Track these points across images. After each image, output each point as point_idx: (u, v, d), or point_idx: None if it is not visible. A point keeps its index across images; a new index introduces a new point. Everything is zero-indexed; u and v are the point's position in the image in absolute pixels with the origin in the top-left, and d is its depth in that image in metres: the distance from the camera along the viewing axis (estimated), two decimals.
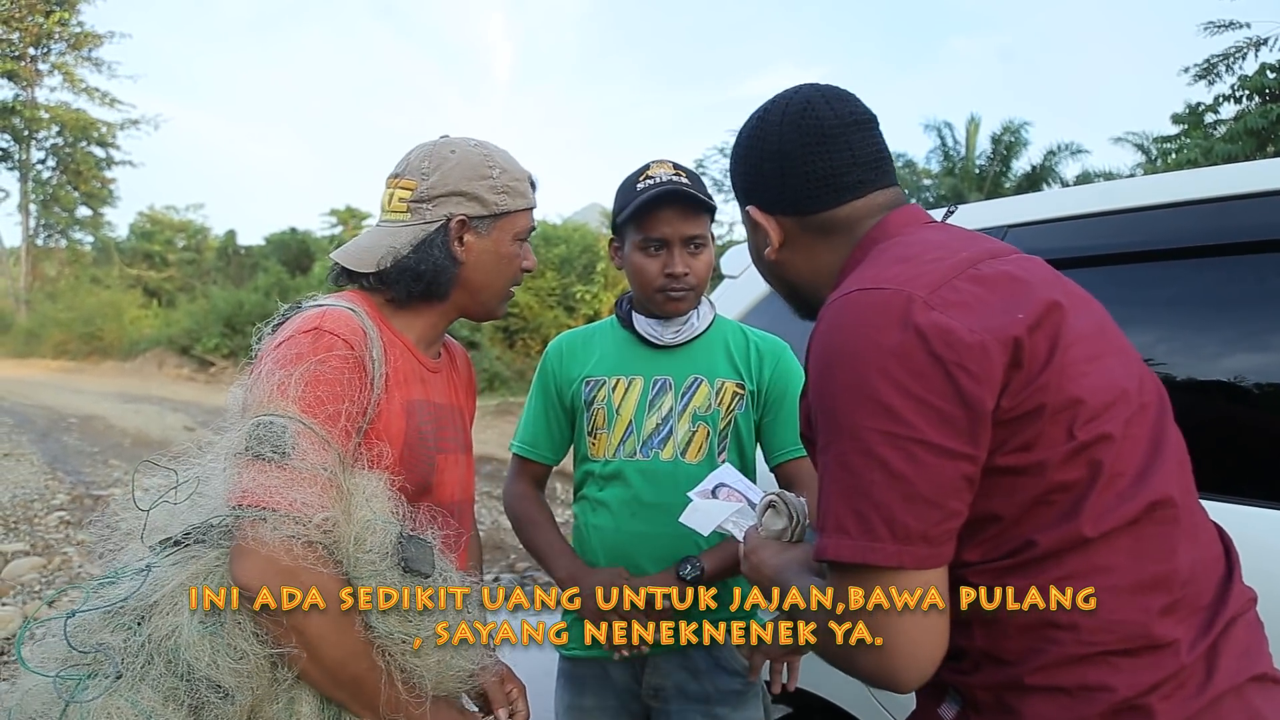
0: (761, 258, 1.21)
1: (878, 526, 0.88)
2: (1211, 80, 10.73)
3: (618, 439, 1.81)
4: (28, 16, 32.61)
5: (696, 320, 1.85)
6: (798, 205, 1.13)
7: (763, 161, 1.14)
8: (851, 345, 0.91)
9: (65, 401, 16.07)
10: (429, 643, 1.21)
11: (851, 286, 0.96)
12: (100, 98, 34.73)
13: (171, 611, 1.13)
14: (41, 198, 35.86)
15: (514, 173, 1.49)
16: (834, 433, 0.92)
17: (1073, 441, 0.90)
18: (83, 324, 28.48)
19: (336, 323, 1.29)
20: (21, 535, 6.32)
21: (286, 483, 1.13)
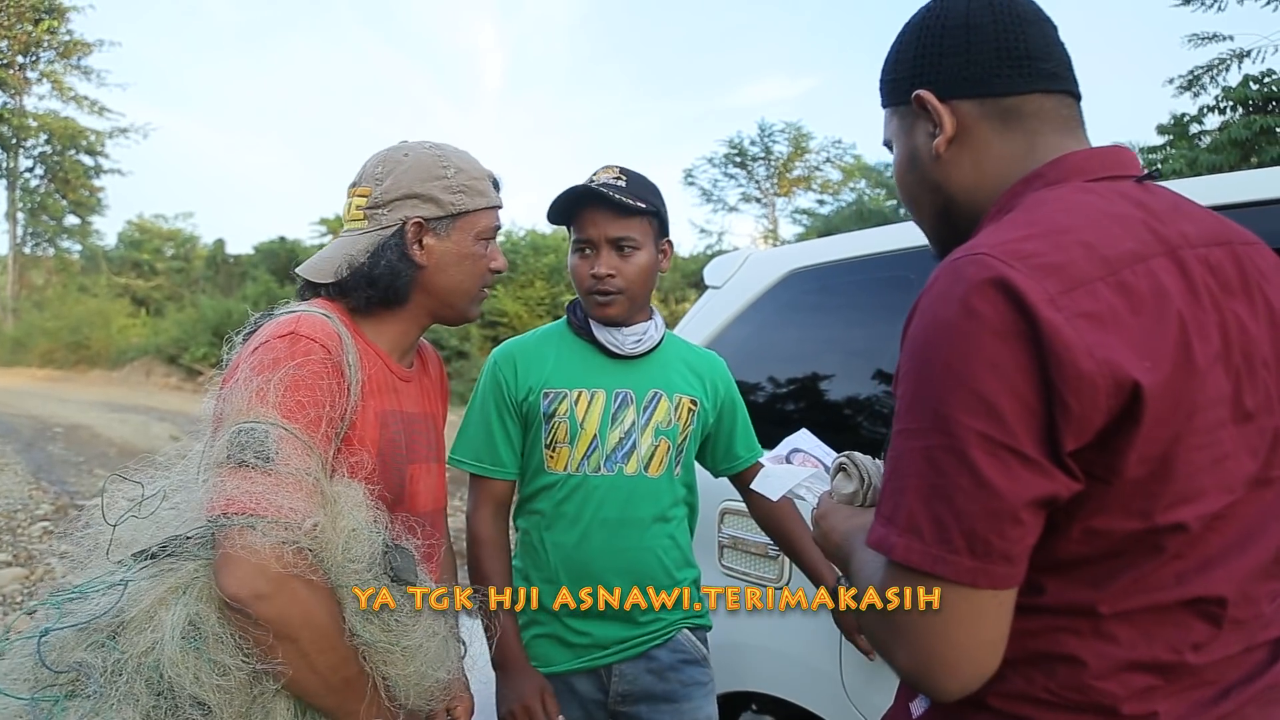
0: (916, 164, 1.06)
1: (955, 537, 0.80)
2: (1196, 92, 10.82)
3: (581, 453, 1.78)
4: (16, 24, 32.50)
5: (654, 331, 1.84)
6: (983, 83, 0.99)
7: (944, 36, 1.01)
8: (963, 324, 0.80)
9: (51, 411, 15.96)
10: (409, 652, 1.19)
11: (981, 247, 0.84)
12: (89, 106, 34.66)
13: (150, 627, 1.09)
14: (29, 206, 35.71)
15: (471, 171, 1.46)
16: (922, 418, 0.82)
17: (1142, 523, 0.82)
18: (70, 333, 28.35)
19: (312, 327, 1.28)
20: (4, 546, 6.26)
21: (272, 488, 1.10)
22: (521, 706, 1.70)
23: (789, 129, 28.55)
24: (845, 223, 17.63)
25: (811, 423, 2.42)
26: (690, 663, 1.84)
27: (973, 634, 0.82)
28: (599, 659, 1.80)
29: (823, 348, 2.53)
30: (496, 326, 19.08)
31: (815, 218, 24.01)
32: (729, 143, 29.18)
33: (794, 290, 2.57)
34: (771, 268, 2.64)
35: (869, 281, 2.40)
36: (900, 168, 1.10)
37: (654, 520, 1.79)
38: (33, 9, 32.46)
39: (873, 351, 2.32)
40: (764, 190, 29.71)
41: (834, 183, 28.62)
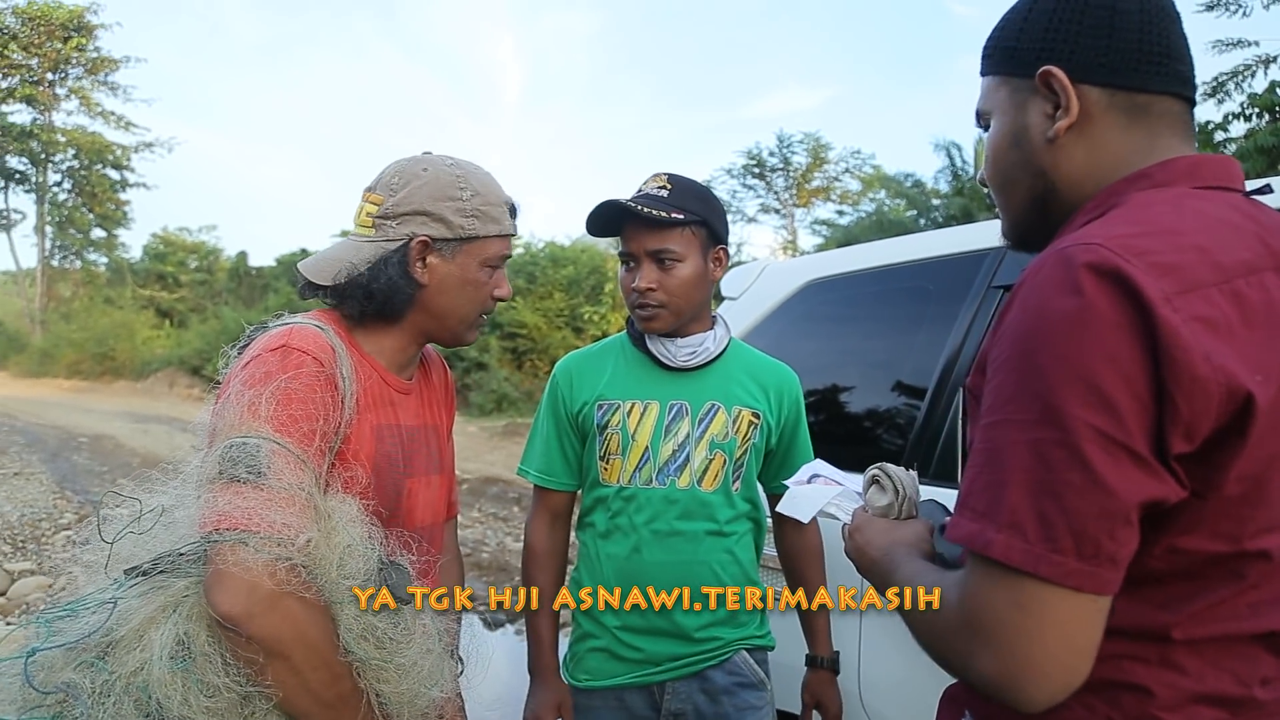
0: (1022, 143, 1.00)
1: (1062, 537, 0.75)
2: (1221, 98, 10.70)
3: (633, 465, 1.76)
4: (47, 42, 33.02)
5: (711, 344, 1.80)
6: (1119, 73, 0.93)
7: (1085, 14, 0.94)
8: (1078, 314, 0.76)
9: (76, 421, 16.13)
10: (403, 670, 1.18)
11: (1093, 238, 0.80)
12: (115, 121, 35.12)
13: (138, 647, 1.08)
14: (57, 219, 36.18)
15: (488, 197, 1.43)
16: (1028, 409, 0.78)
17: (1229, 547, 0.80)
18: (96, 344, 28.64)
19: (304, 339, 1.27)
20: (29, 554, 6.33)
21: (264, 504, 1.09)
22: (533, 717, 1.75)
23: (808, 139, 28.52)
24: (865, 233, 17.55)
25: (829, 434, 2.41)
26: (746, 686, 1.79)
27: (1070, 640, 0.77)
28: (652, 675, 1.77)
29: (840, 359, 2.51)
30: (515, 338, 19.13)
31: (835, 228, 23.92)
32: (747, 154, 29.14)
33: (811, 301, 2.56)
34: (788, 279, 2.63)
35: (887, 292, 2.38)
36: (999, 144, 1.03)
37: (708, 534, 1.75)
38: (62, 27, 32.97)
39: (891, 363, 2.30)
40: (783, 201, 29.66)
41: (853, 193, 28.52)
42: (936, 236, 2.32)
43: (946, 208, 18.47)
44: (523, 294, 19.45)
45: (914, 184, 20.06)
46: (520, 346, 19.40)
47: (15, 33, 32.75)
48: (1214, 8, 10.03)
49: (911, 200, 19.44)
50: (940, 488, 1.92)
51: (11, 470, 10.15)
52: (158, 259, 35.27)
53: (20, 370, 31.98)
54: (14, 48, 32.89)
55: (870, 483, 1.20)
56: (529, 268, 20.08)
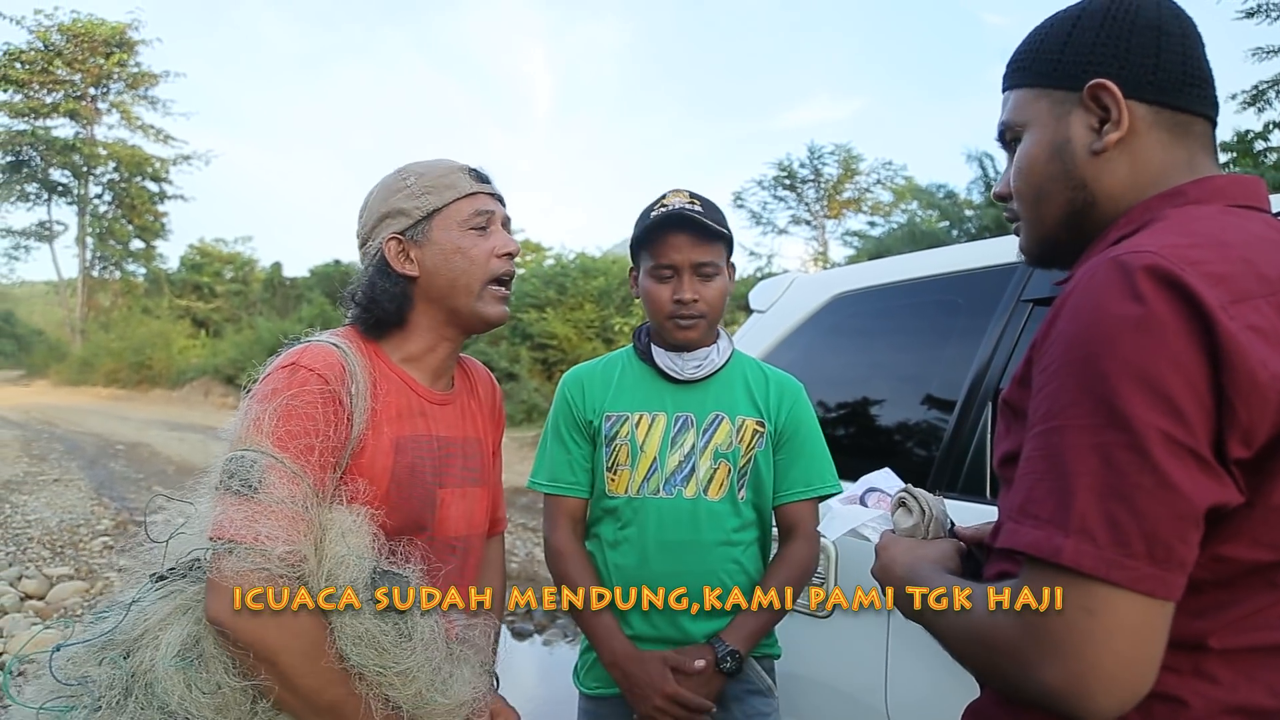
0: (1063, 156, 1.00)
1: (1134, 541, 0.75)
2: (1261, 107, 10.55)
3: (641, 475, 1.78)
4: (90, 58, 33.78)
5: (716, 355, 1.83)
6: (1165, 90, 0.95)
7: (1134, 32, 0.96)
8: (1141, 319, 0.76)
9: (113, 429, 16.41)
10: (406, 676, 1.21)
11: (1146, 247, 0.81)
12: (155, 134, 35.91)
13: (151, 646, 1.16)
14: (98, 231, 36.96)
15: (433, 172, 1.45)
16: (1092, 414, 0.77)
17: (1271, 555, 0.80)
18: (133, 353, 29.17)
19: (314, 358, 1.31)
20: (67, 559, 6.44)
21: (253, 516, 1.15)
22: (663, 696, 1.67)
23: (839, 151, 28.39)
24: (897, 245, 17.43)
25: (858, 447, 2.39)
26: (754, 693, 1.80)
27: (1141, 647, 0.76)
28: None
29: (869, 371, 2.50)
30: (546, 349, 19.18)
31: (866, 240, 23.80)
32: (778, 165, 29.05)
33: (840, 314, 2.55)
34: (817, 291, 2.62)
35: (916, 305, 2.37)
36: (1037, 156, 1.02)
37: (717, 544, 1.76)
38: (104, 43, 33.73)
39: (919, 376, 2.29)
40: (814, 212, 29.54)
41: (885, 204, 28.36)
42: (966, 250, 2.30)
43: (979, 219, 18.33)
44: (553, 305, 19.51)
45: (946, 195, 19.91)
46: (551, 357, 19.46)
47: (60, 49, 33.55)
48: (1254, 14, 9.90)
49: (944, 211, 19.29)
50: (969, 502, 1.90)
51: (51, 477, 10.35)
52: (194, 269, 35.88)
53: (60, 379, 32.66)
54: (59, 64, 33.69)
55: (897, 505, 1.21)
56: (559, 278, 20.14)
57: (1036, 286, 1.97)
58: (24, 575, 5.80)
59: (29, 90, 34.01)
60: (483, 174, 1.50)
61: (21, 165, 35.59)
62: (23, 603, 5.30)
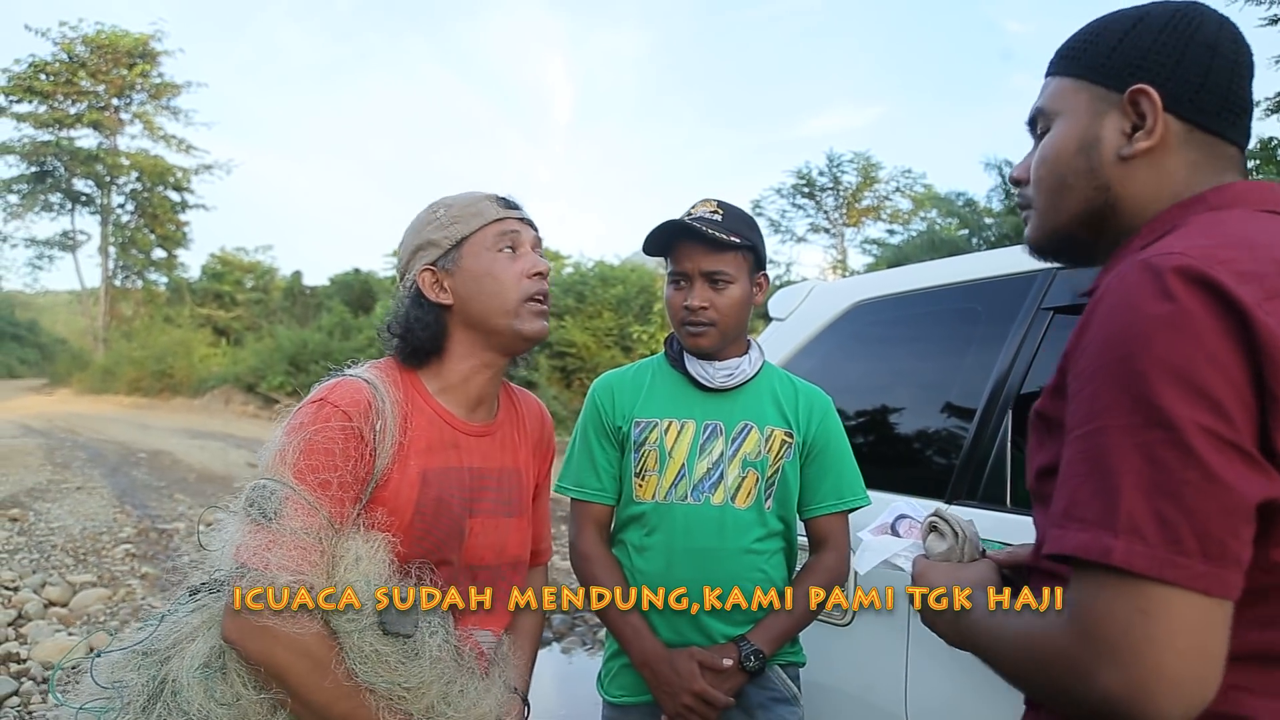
0: (1091, 154, 1.00)
1: (1186, 538, 0.73)
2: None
3: (669, 482, 1.80)
4: (113, 69, 34.20)
5: (747, 365, 1.84)
6: (1204, 111, 0.95)
7: (1188, 46, 0.95)
8: (1175, 318, 0.76)
9: (135, 437, 16.54)
10: (416, 692, 1.27)
11: (1175, 248, 0.81)
12: (177, 144, 36.29)
13: (180, 656, 1.26)
14: (120, 240, 37.34)
15: (461, 203, 1.50)
16: (1131, 414, 0.77)
17: None
18: (155, 362, 29.39)
19: (342, 394, 1.36)
20: (89, 566, 6.49)
21: (267, 544, 1.22)
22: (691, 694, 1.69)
23: (857, 159, 28.40)
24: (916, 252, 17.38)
25: (877, 455, 2.39)
26: (780, 701, 1.80)
27: (1201, 647, 0.74)
28: None
29: (888, 380, 2.49)
30: (564, 357, 19.22)
31: (886, 248, 23.74)
32: (797, 173, 29.09)
33: (859, 322, 2.55)
34: (837, 299, 2.62)
35: (935, 313, 2.37)
36: (1065, 148, 1.02)
37: (743, 552, 1.77)
38: (128, 54, 34.14)
39: (939, 384, 2.28)
40: (832, 221, 29.52)
41: (904, 212, 28.32)
42: (986, 257, 2.29)
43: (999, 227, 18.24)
44: (572, 313, 19.56)
45: (966, 203, 19.85)
46: (569, 365, 19.50)
47: (84, 60, 33.99)
48: (1276, 22, 9.82)
49: (963, 219, 19.21)
50: (988, 510, 1.90)
51: (74, 485, 10.44)
52: (215, 278, 36.16)
53: (83, 387, 32.97)
54: (83, 75, 34.12)
55: (929, 530, 1.20)
56: (578, 286, 20.19)
57: (1057, 294, 1.97)
58: (48, 582, 5.85)
59: (53, 101, 34.45)
60: (510, 200, 1.53)
61: (45, 175, 36.04)
62: (46, 609, 5.34)
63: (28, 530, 7.74)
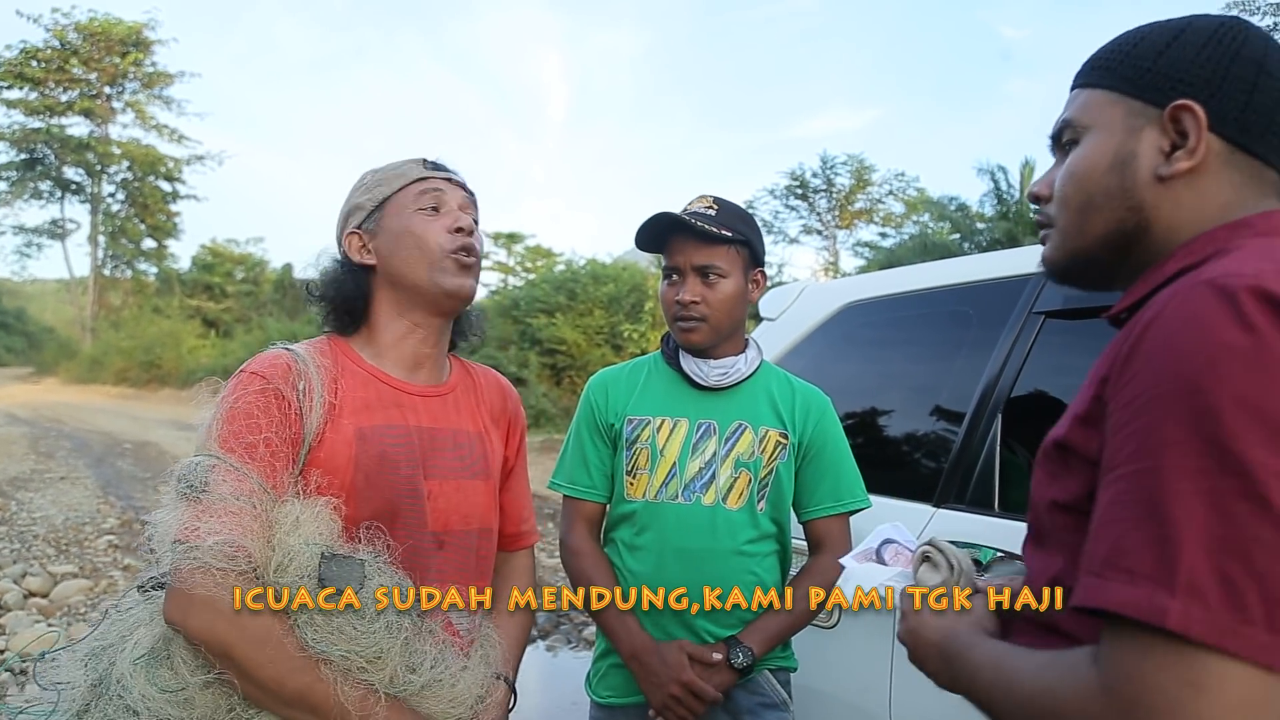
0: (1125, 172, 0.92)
1: (1253, 605, 0.64)
2: None
3: (660, 480, 1.78)
4: (106, 57, 34.01)
5: (743, 364, 1.82)
6: (1249, 132, 0.88)
7: (1234, 62, 0.88)
8: (1253, 349, 0.68)
9: (122, 427, 16.46)
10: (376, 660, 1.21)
11: (1242, 271, 0.72)
12: (169, 134, 36.12)
13: (122, 649, 1.21)
14: (110, 230, 37.18)
15: (386, 169, 1.52)
16: (1198, 456, 0.68)
17: None
18: (143, 352, 29.28)
19: (259, 363, 1.36)
20: (71, 557, 6.45)
21: (198, 515, 1.19)
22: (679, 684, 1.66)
23: (851, 161, 28.44)
24: (908, 256, 17.42)
25: (865, 457, 2.37)
26: (769, 706, 1.77)
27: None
28: None
29: (878, 381, 2.48)
30: (555, 354, 19.20)
31: (878, 250, 23.79)
32: (790, 174, 29.14)
33: (849, 324, 2.54)
34: (827, 301, 2.61)
35: (926, 316, 2.36)
36: (1096, 164, 0.94)
37: (733, 553, 1.75)
38: (121, 43, 33.96)
39: (929, 387, 2.28)
40: (825, 223, 29.58)
41: (897, 216, 28.38)
42: (977, 261, 2.29)
43: (991, 231, 18.30)
44: (563, 310, 19.52)
45: (958, 207, 19.90)
46: (559, 363, 19.46)
47: (76, 48, 33.79)
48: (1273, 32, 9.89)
49: (955, 224, 19.26)
50: (976, 514, 1.89)
51: (58, 475, 10.38)
52: (205, 270, 36.03)
53: (70, 376, 32.81)
54: (74, 62, 33.92)
55: (920, 560, 1.11)
56: (570, 284, 20.16)
57: (1048, 299, 1.96)
58: (28, 573, 5.81)
59: (45, 88, 34.26)
60: (437, 163, 1.54)
61: (36, 163, 35.85)
62: (26, 600, 5.30)
63: (9, 520, 7.69)
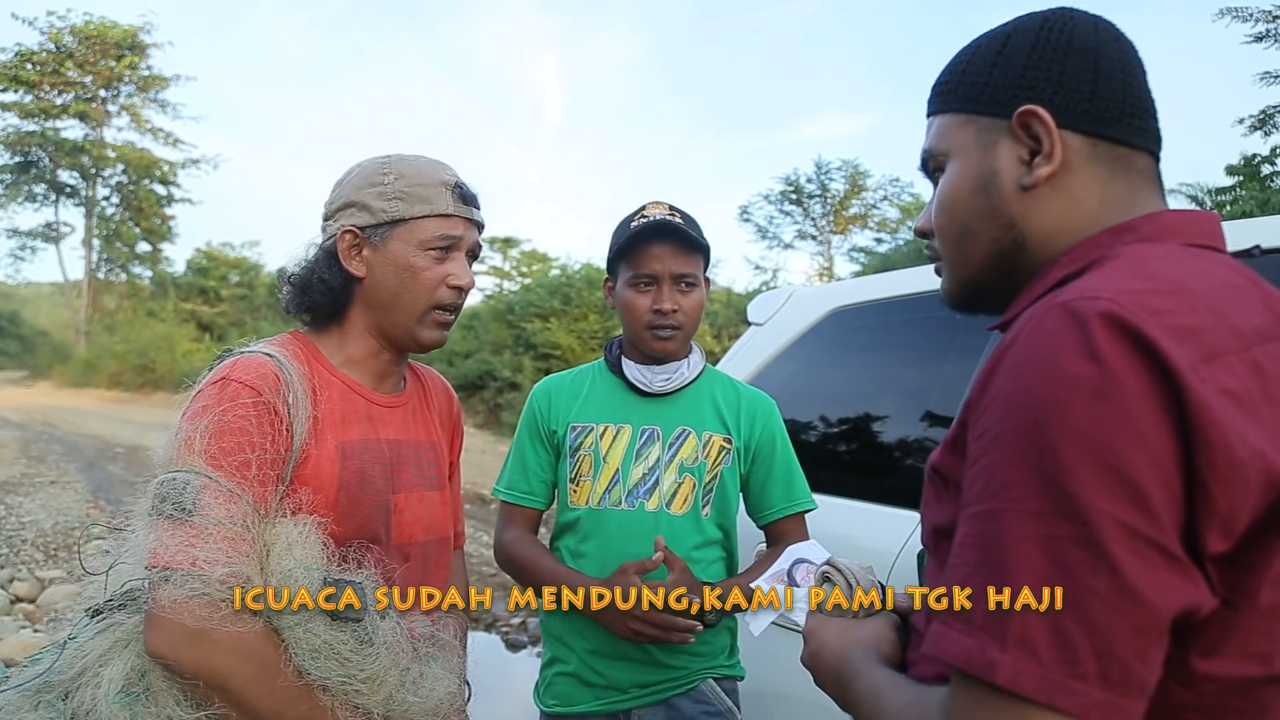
0: (990, 191, 0.89)
1: (1085, 659, 0.62)
2: (1268, 131, 10.55)
3: (603, 487, 1.77)
4: (101, 60, 33.94)
5: (686, 369, 1.82)
6: (1103, 120, 0.84)
7: (1068, 55, 0.85)
8: (1099, 383, 0.64)
9: (114, 431, 16.39)
10: (373, 683, 1.17)
11: (1102, 293, 0.68)
12: (164, 138, 36.00)
13: (93, 684, 1.11)
14: (105, 233, 37.03)
15: (415, 178, 1.37)
16: (1039, 499, 0.65)
17: (1261, 669, 0.67)
18: (137, 356, 29.15)
19: (245, 370, 1.25)
20: (60, 562, 6.41)
21: (190, 540, 1.11)
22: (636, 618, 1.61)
23: (846, 166, 28.46)
24: (903, 261, 17.44)
25: (853, 462, 2.36)
26: (714, 715, 1.76)
27: None
28: (618, 702, 1.75)
29: (865, 386, 2.48)
30: (550, 359, 19.17)
31: (873, 256, 23.81)
32: (785, 179, 29.14)
33: (837, 328, 2.53)
34: (815, 305, 2.60)
35: (913, 321, 2.35)
36: (960, 189, 0.92)
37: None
38: (116, 46, 33.88)
39: (916, 391, 2.26)
40: (820, 228, 29.57)
41: (892, 221, 28.39)
42: None
43: None
44: (557, 315, 19.50)
45: None
46: (554, 367, 19.43)
47: (71, 51, 33.71)
48: (1263, 39, 9.92)
49: None
50: None
51: (48, 479, 10.33)
52: (200, 273, 35.91)
53: (63, 380, 32.67)
54: (70, 65, 33.84)
55: (822, 580, 1.07)
56: (564, 289, 20.13)
57: None
58: (16, 578, 5.77)
59: (39, 91, 34.15)
60: (468, 193, 1.42)
61: (30, 166, 35.69)
62: (13, 605, 5.27)
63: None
